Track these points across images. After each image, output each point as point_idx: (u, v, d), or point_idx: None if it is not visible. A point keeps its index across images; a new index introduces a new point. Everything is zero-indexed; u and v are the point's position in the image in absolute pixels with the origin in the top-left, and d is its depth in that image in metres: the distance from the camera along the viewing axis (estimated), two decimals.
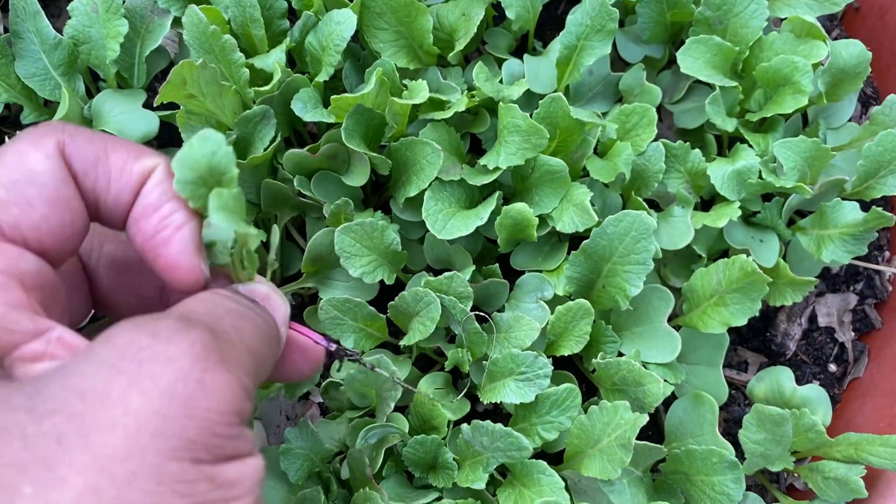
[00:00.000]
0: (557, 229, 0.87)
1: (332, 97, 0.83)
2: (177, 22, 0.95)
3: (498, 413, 0.96)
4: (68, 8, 0.93)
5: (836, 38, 1.16)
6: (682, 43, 1.05)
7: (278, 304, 0.57)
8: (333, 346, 0.64)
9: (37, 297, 0.46)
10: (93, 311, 0.59)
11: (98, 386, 0.38)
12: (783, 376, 0.93)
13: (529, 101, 0.96)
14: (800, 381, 0.99)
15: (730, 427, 1.01)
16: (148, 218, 0.49)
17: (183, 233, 0.49)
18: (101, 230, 0.58)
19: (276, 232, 0.58)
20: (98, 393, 0.38)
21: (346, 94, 0.82)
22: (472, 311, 0.86)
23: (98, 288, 0.57)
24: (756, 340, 1.03)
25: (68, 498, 0.36)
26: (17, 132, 0.94)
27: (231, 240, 0.52)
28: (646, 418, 0.76)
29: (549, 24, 1.12)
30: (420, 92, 0.85)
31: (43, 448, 0.37)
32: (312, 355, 0.57)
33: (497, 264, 0.91)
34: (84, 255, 0.56)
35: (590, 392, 0.98)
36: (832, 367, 1.03)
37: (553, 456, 0.90)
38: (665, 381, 0.86)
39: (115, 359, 0.39)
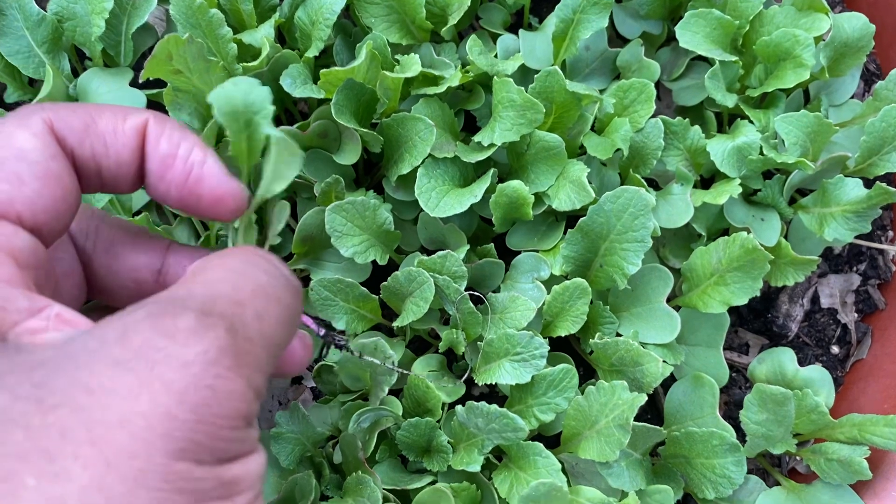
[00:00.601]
0: (553, 207, 0.85)
1: (321, 71, 0.81)
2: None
3: (494, 395, 0.95)
4: None
5: (838, 13, 1.14)
6: (681, 19, 1.03)
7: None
8: (323, 331, 0.63)
9: (31, 275, 0.45)
10: (87, 298, 0.58)
11: (106, 383, 0.37)
12: (785, 357, 0.91)
13: (525, 76, 0.94)
14: (802, 363, 0.97)
15: (730, 410, 0.99)
16: (171, 168, 0.50)
17: (209, 164, 0.50)
18: (96, 213, 0.57)
19: (285, 206, 0.55)
20: (106, 389, 0.37)
21: (336, 68, 0.80)
22: (466, 291, 0.84)
23: (93, 272, 0.56)
24: (757, 322, 1.01)
25: (73, 491, 0.35)
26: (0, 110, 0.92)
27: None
28: (644, 398, 0.74)
29: (546, 1, 1.09)
30: (412, 66, 0.83)
31: (46, 439, 0.36)
32: (307, 342, 0.55)
33: (492, 244, 0.89)
34: (79, 240, 0.55)
35: (588, 374, 0.96)
36: (835, 349, 1.01)
37: (550, 438, 0.88)
38: (664, 361, 0.84)
39: (127, 357, 0.38)
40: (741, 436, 0.87)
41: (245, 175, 0.54)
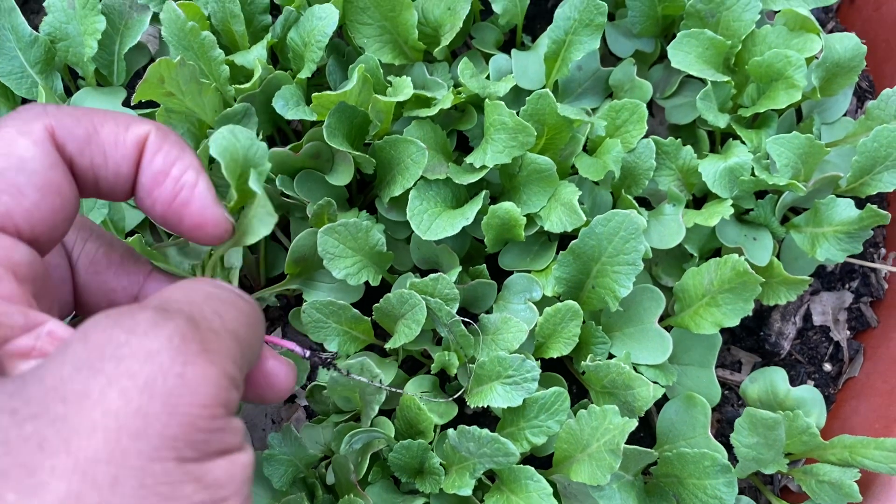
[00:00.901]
0: (546, 229, 0.85)
1: (313, 94, 0.81)
2: (156, 18, 0.93)
3: (486, 416, 0.95)
4: (45, 4, 0.91)
5: (831, 31, 1.14)
6: (674, 37, 1.03)
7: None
8: (307, 353, 0.63)
9: (29, 288, 0.45)
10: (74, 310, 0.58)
11: (77, 387, 0.37)
12: (777, 377, 0.91)
13: (517, 96, 0.94)
14: (794, 380, 0.97)
15: (723, 428, 0.99)
16: (161, 185, 0.50)
17: (200, 188, 0.50)
18: (86, 225, 0.57)
19: (238, 252, 0.57)
20: (78, 394, 0.37)
21: (328, 92, 0.80)
22: (459, 312, 0.84)
23: (75, 286, 0.56)
24: (750, 340, 1.02)
25: None
26: None
27: (205, 251, 0.53)
28: (634, 423, 0.74)
29: (539, 17, 1.09)
30: (404, 89, 0.83)
31: (25, 453, 0.36)
32: (289, 368, 0.55)
33: (484, 265, 0.90)
34: (68, 250, 0.55)
35: (580, 393, 0.96)
36: (827, 367, 1.02)
37: (542, 460, 0.88)
38: (656, 382, 0.84)
39: (92, 358, 0.37)
40: (734, 454, 0.87)
41: (231, 214, 0.55)
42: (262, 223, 0.51)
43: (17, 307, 0.42)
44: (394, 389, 0.82)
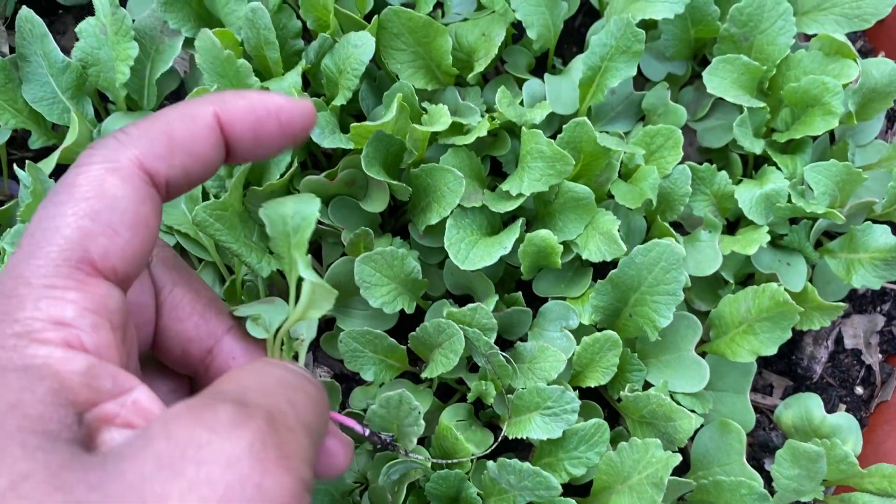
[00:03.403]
0: (583, 258, 0.84)
1: (352, 125, 0.80)
2: (188, 43, 0.93)
3: (520, 444, 0.94)
4: (76, 30, 0.91)
5: (860, 49, 1.14)
6: (705, 58, 1.03)
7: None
8: (367, 431, 0.64)
9: (120, 335, 0.45)
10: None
11: (157, 489, 0.37)
12: (812, 403, 0.91)
13: (550, 120, 0.94)
14: (826, 404, 0.97)
15: (754, 451, 0.99)
16: (258, 131, 0.52)
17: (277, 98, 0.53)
18: (178, 266, 0.57)
19: (312, 325, 0.58)
20: (157, 497, 0.37)
21: (366, 123, 0.80)
22: (494, 340, 0.84)
23: (155, 326, 0.56)
24: (781, 363, 1.01)
25: None
26: (27, 159, 0.91)
27: (282, 319, 0.55)
28: (678, 459, 0.74)
29: (567, 37, 1.09)
30: (441, 118, 0.82)
31: None
32: (348, 446, 0.55)
33: (520, 292, 0.89)
34: (157, 289, 0.55)
35: (611, 418, 0.96)
36: (859, 390, 1.01)
37: (577, 488, 0.88)
38: (693, 411, 0.84)
39: (174, 457, 0.37)
40: (765, 477, 0.87)
41: (292, 282, 0.57)
42: (323, 302, 0.52)
43: (107, 369, 0.42)
44: (417, 459, 0.82)
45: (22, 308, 0.42)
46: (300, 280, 0.57)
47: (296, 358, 0.58)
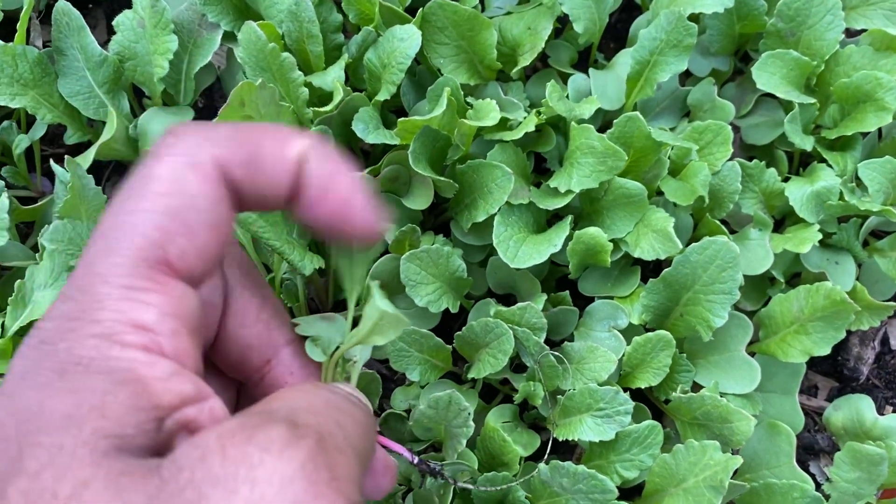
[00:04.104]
0: (635, 256, 0.83)
1: (399, 120, 0.78)
2: (227, 36, 0.91)
3: (564, 443, 0.93)
4: (113, 23, 0.89)
5: None
6: (747, 54, 1.01)
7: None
8: (416, 460, 0.64)
9: (197, 341, 0.44)
10: None
11: None
12: (863, 405, 0.89)
13: (594, 116, 0.92)
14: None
15: (800, 454, 0.97)
16: (326, 196, 0.48)
17: (360, 196, 0.49)
18: (251, 271, 0.55)
19: (367, 349, 0.58)
20: None
21: (414, 118, 0.78)
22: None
23: (217, 329, 0.54)
24: (826, 364, 1.00)
25: None
26: (58, 155, 0.90)
27: (336, 342, 0.55)
28: (740, 461, 0.72)
29: (606, 33, 1.07)
30: (490, 112, 0.81)
31: None
32: (393, 469, 0.54)
33: (567, 291, 0.87)
34: (227, 290, 0.53)
35: (656, 419, 0.94)
36: None
37: (627, 491, 0.86)
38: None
39: (228, 476, 0.37)
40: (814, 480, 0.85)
41: (352, 299, 0.56)
42: (390, 331, 0.51)
43: (188, 374, 0.41)
44: (465, 483, 0.80)
45: (101, 308, 0.40)
46: (360, 298, 0.56)
47: (348, 379, 0.57)
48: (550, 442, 0.82)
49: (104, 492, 0.36)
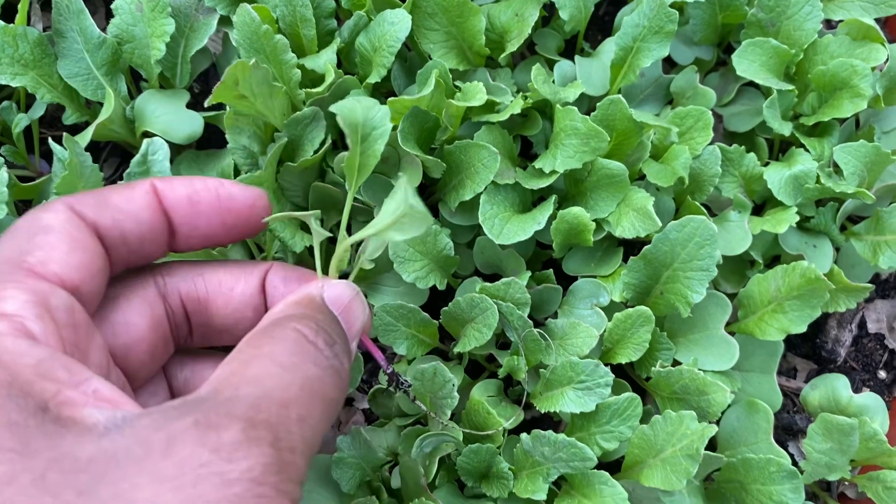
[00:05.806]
0: (616, 235, 0.85)
1: (389, 99, 0.81)
2: (223, 21, 0.94)
3: (547, 420, 0.95)
4: (112, 6, 0.91)
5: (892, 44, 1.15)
6: (730, 45, 1.04)
7: (358, 314, 0.57)
8: (390, 369, 0.65)
9: (69, 335, 0.47)
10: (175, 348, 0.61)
11: (149, 498, 0.38)
12: (839, 384, 0.92)
13: (579, 102, 0.94)
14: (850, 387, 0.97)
15: (778, 434, 0.99)
16: (200, 201, 0.57)
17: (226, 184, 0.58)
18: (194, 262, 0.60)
19: (382, 245, 0.59)
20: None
21: (403, 97, 0.81)
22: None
23: (205, 309, 0.60)
24: (805, 346, 1.02)
25: None
26: (55, 136, 0.92)
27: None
28: (714, 430, 0.75)
29: (592, 25, 1.10)
30: (477, 94, 0.83)
31: None
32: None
33: (551, 270, 0.90)
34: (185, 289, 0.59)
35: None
36: (882, 374, 1.02)
37: (608, 465, 0.88)
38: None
39: (172, 474, 0.39)
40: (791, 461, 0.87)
41: (353, 188, 0.58)
42: (413, 228, 0.51)
43: (58, 358, 0.43)
44: (452, 437, 0.82)
45: None
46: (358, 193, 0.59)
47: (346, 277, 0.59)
48: (529, 416, 0.84)
49: (30, 487, 0.38)
